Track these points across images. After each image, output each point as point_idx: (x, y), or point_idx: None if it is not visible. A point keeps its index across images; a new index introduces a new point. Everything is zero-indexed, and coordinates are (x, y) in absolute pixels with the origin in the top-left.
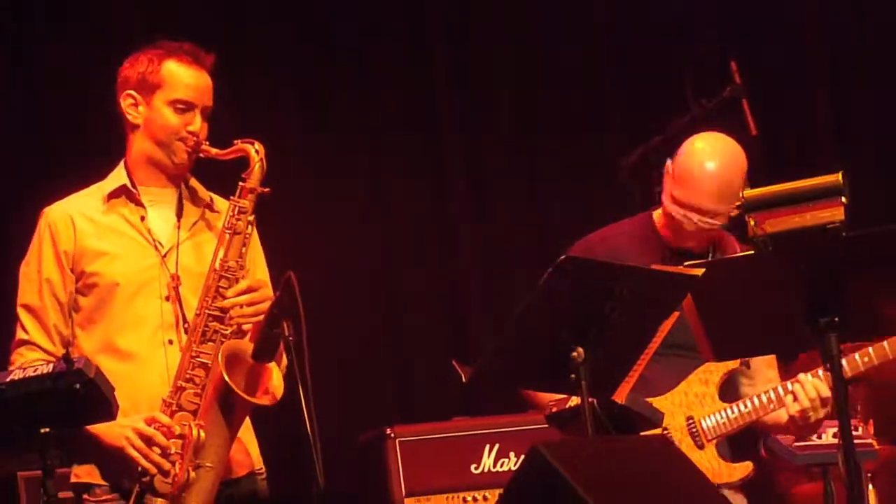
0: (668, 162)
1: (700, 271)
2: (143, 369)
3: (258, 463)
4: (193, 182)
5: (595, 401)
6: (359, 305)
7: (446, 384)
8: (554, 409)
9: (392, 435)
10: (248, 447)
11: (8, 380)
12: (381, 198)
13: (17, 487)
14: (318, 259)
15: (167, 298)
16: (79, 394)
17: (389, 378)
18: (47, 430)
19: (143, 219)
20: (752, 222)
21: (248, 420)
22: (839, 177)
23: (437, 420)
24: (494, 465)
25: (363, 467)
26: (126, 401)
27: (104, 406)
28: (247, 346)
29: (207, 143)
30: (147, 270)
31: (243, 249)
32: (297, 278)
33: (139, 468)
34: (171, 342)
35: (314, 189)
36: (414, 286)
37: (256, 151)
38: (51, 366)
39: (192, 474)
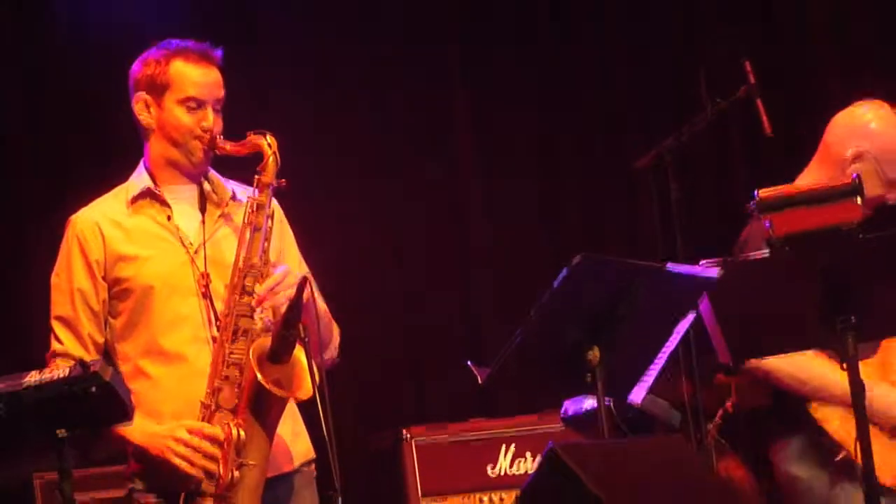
0: (853, 153)
1: (717, 271)
2: (192, 368)
3: (308, 455)
4: (213, 176)
5: (611, 402)
6: (373, 306)
7: (462, 385)
8: (570, 411)
9: (408, 436)
10: (295, 440)
11: (24, 383)
12: (395, 199)
13: (33, 490)
14: (330, 260)
15: (203, 295)
16: (95, 397)
17: (405, 379)
18: (63, 432)
19: (169, 218)
20: (768, 223)
21: (296, 411)
22: (855, 177)
23: (453, 421)
24: (511, 467)
25: (379, 469)
26: (178, 401)
27: (120, 409)
28: None
29: (222, 138)
30: (180, 269)
31: (266, 244)
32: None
33: (186, 474)
34: (214, 339)
35: (328, 187)
36: (428, 287)
37: (269, 144)
38: (67, 369)
39: (237, 474)
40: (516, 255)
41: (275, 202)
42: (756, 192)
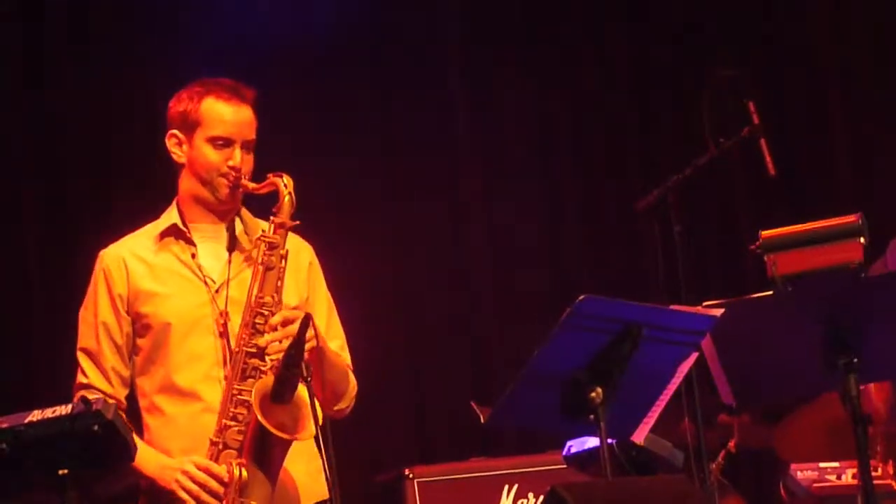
0: None
1: (719, 311)
2: (203, 406)
3: (323, 495)
4: (246, 215)
5: (614, 441)
6: (376, 344)
7: (465, 424)
8: (573, 450)
9: (410, 476)
10: (311, 479)
11: (27, 421)
12: (398, 231)
13: None
14: (331, 297)
15: (220, 335)
16: (97, 435)
17: (407, 418)
18: (66, 471)
19: (193, 256)
20: (771, 263)
21: (314, 450)
22: (858, 218)
23: (455, 460)
24: None
25: None
26: (187, 439)
27: (123, 447)
28: None
29: (248, 177)
30: (199, 308)
31: (278, 284)
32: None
33: None
34: (227, 378)
35: (332, 220)
36: (431, 325)
37: (285, 185)
38: (69, 407)
39: None
40: (520, 296)
41: (309, 246)
42: (760, 232)
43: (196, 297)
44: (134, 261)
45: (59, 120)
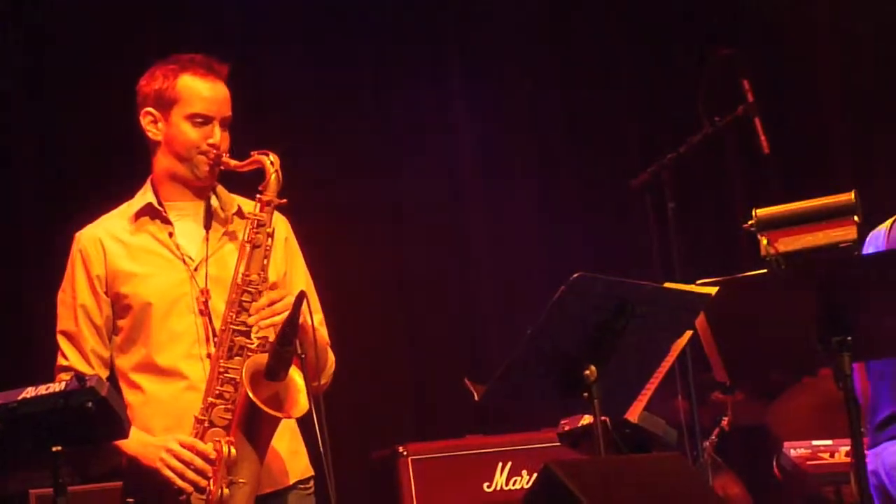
0: None
1: (713, 290)
2: (184, 385)
3: (305, 473)
4: (221, 191)
5: (608, 419)
6: (373, 322)
7: (460, 402)
8: (566, 428)
9: (405, 453)
10: (293, 457)
11: (20, 398)
12: (398, 215)
13: None
14: (330, 275)
15: (201, 312)
16: (91, 412)
17: (403, 396)
18: (59, 448)
19: (171, 235)
20: (765, 241)
21: (296, 428)
22: (852, 196)
23: (449, 438)
24: (507, 484)
25: (376, 485)
26: (169, 417)
27: (116, 424)
28: None
29: (227, 154)
30: (178, 286)
31: (265, 262)
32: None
33: (175, 488)
34: (208, 356)
35: (333, 202)
36: (428, 303)
37: (272, 163)
38: (63, 384)
39: (226, 491)
40: (516, 274)
41: (285, 220)
42: (754, 211)
43: (175, 276)
44: (111, 241)
45: (59, 119)
